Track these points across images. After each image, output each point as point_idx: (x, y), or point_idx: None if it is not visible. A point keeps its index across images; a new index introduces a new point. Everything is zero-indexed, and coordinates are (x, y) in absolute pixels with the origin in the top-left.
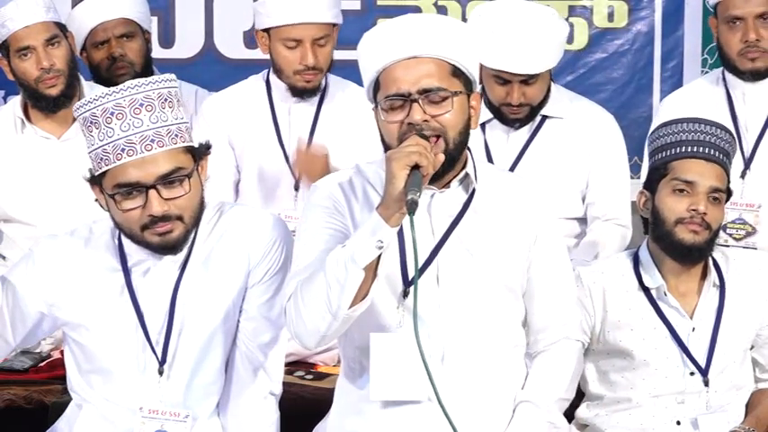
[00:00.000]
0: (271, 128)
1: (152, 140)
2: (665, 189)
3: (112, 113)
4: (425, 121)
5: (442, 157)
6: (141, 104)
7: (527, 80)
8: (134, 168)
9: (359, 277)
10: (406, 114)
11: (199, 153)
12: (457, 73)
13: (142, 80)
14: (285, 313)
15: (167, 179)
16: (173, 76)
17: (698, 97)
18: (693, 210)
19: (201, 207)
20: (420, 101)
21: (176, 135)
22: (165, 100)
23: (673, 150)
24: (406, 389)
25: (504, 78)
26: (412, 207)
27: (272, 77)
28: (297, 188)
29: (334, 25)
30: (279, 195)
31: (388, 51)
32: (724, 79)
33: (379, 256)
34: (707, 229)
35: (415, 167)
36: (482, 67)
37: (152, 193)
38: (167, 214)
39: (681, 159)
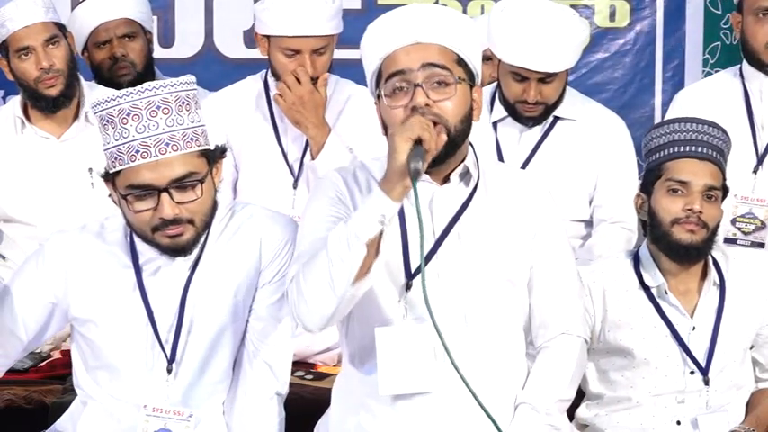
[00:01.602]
0: (269, 128)
1: (167, 144)
2: (661, 190)
3: (128, 114)
4: (428, 105)
5: (444, 137)
6: (158, 107)
7: (545, 79)
8: (147, 171)
9: (361, 253)
10: (410, 100)
11: (213, 156)
12: (461, 62)
13: (160, 82)
14: (287, 296)
15: (180, 183)
16: (192, 78)
17: (713, 92)
18: (689, 209)
19: (213, 210)
20: (423, 86)
21: (192, 139)
22: (183, 103)
23: (666, 151)
24: (414, 382)
25: (521, 75)
26: (415, 175)
27: (271, 78)
28: (295, 187)
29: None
30: (276, 195)
31: (392, 38)
32: (741, 75)
33: (382, 233)
34: (704, 227)
35: (418, 142)
36: (500, 62)
37: (164, 196)
38: (178, 218)
39: (674, 160)
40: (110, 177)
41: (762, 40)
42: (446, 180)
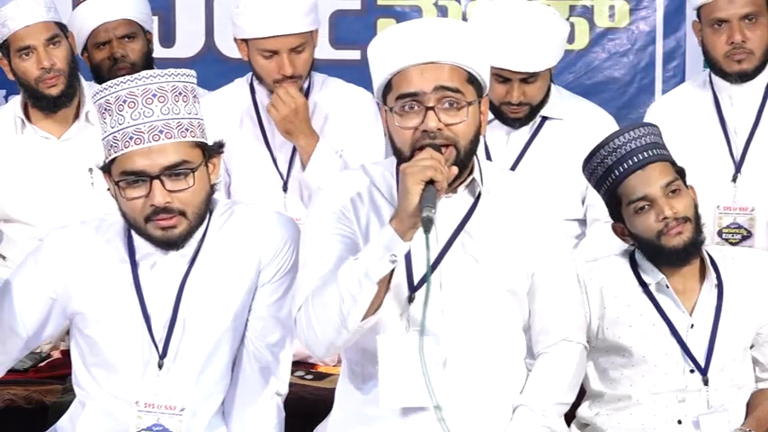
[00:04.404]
0: (257, 130)
1: (160, 131)
2: (628, 214)
3: (125, 101)
4: (439, 129)
5: (455, 170)
6: (154, 95)
7: (527, 79)
8: (140, 157)
9: (372, 291)
10: (421, 121)
11: (209, 150)
12: (471, 79)
13: (159, 71)
14: (295, 323)
15: (173, 171)
16: (192, 72)
17: (684, 102)
18: (663, 218)
19: (207, 205)
20: (436, 108)
21: (186, 129)
22: (180, 93)
23: (609, 179)
24: (415, 396)
25: (504, 77)
26: (428, 225)
27: (256, 82)
28: (285, 190)
29: (312, 31)
30: (268, 198)
31: (404, 54)
32: (711, 82)
33: (393, 269)
34: (686, 222)
35: (430, 182)
36: None
37: (156, 183)
38: (170, 207)
39: (621, 183)
40: (107, 169)
41: (720, 51)
42: (453, 191)
